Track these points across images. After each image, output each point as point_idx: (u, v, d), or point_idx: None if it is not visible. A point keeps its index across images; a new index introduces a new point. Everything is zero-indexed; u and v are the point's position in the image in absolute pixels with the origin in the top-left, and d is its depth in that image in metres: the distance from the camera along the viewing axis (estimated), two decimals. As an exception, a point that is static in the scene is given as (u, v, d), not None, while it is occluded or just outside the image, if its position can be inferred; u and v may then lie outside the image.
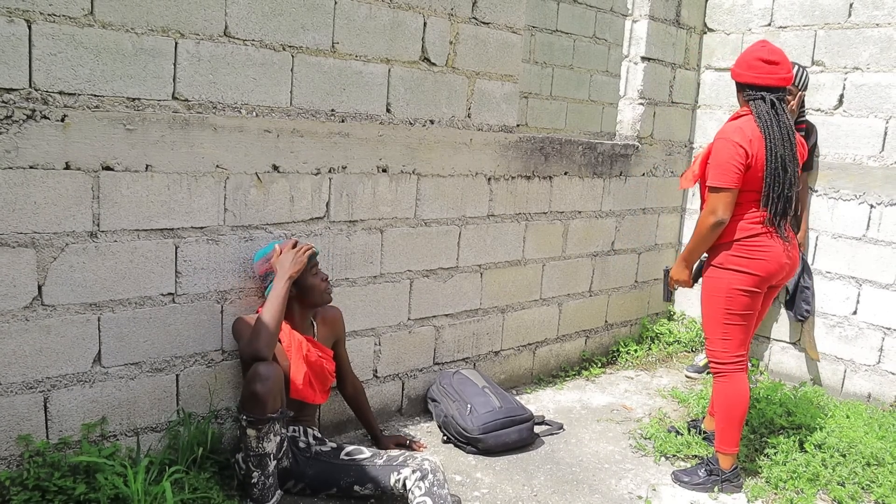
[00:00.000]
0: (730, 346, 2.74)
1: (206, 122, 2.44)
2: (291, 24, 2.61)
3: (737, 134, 2.61)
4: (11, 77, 2.06)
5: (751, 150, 2.59)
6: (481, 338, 3.56)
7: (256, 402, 2.24)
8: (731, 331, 2.73)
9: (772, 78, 2.64)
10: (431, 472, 2.38)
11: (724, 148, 2.61)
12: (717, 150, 2.64)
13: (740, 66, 2.71)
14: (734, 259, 2.68)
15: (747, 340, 2.78)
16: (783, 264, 2.69)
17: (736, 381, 2.75)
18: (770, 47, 2.68)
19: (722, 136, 2.65)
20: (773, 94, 2.65)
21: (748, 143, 2.59)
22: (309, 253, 2.53)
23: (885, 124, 3.79)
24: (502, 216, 3.52)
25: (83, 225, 2.24)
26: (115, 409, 2.39)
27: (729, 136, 2.62)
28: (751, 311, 2.72)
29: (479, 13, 3.20)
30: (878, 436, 3.21)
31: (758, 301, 2.73)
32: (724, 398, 2.78)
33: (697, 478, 2.83)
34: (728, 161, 2.59)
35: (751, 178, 2.62)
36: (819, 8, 4.02)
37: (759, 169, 2.61)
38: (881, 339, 3.80)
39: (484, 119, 3.33)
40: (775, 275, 2.69)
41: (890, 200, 3.75)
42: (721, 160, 2.61)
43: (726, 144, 2.61)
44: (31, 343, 2.19)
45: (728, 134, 2.63)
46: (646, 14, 4.20)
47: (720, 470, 2.81)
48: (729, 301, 2.70)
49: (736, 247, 2.68)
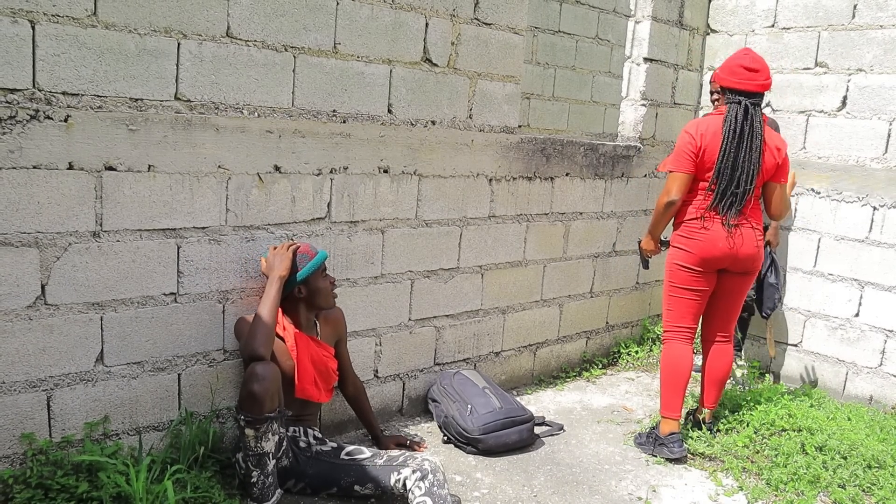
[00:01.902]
0: (671, 317, 3.11)
1: (208, 123, 2.45)
2: (293, 24, 2.62)
3: (692, 126, 2.98)
4: (15, 77, 2.07)
5: (701, 143, 2.92)
6: (482, 338, 3.57)
7: (254, 401, 2.25)
8: (674, 302, 3.09)
9: (751, 84, 2.92)
10: (431, 472, 2.38)
11: (680, 137, 3.00)
12: (677, 139, 3.04)
13: (724, 72, 2.99)
14: (677, 237, 3.06)
15: (692, 315, 3.08)
16: (722, 249, 2.95)
17: (675, 349, 3.09)
18: (752, 55, 2.96)
19: (684, 127, 3.03)
20: (750, 100, 2.92)
21: (699, 136, 2.93)
22: (293, 248, 2.54)
23: (889, 126, 3.79)
24: (503, 217, 3.52)
25: (86, 225, 2.25)
26: (117, 408, 2.40)
27: (686, 127, 3.00)
28: (691, 288, 3.04)
29: (481, 14, 3.21)
30: (879, 438, 3.20)
31: (701, 281, 3.02)
32: (664, 363, 3.12)
33: (645, 440, 3.15)
34: (680, 148, 2.97)
35: (700, 167, 2.95)
36: (823, 9, 4.01)
37: (708, 160, 2.93)
38: (883, 342, 3.80)
39: (485, 120, 3.33)
40: (715, 257, 2.97)
41: (893, 202, 3.74)
42: (676, 147, 3.01)
43: (682, 134, 3.00)
44: (35, 342, 2.21)
45: (687, 126, 3.01)
46: (648, 15, 4.20)
47: (657, 435, 3.08)
48: (671, 274, 3.09)
49: (682, 227, 3.04)
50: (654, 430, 3.14)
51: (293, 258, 2.52)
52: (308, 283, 2.55)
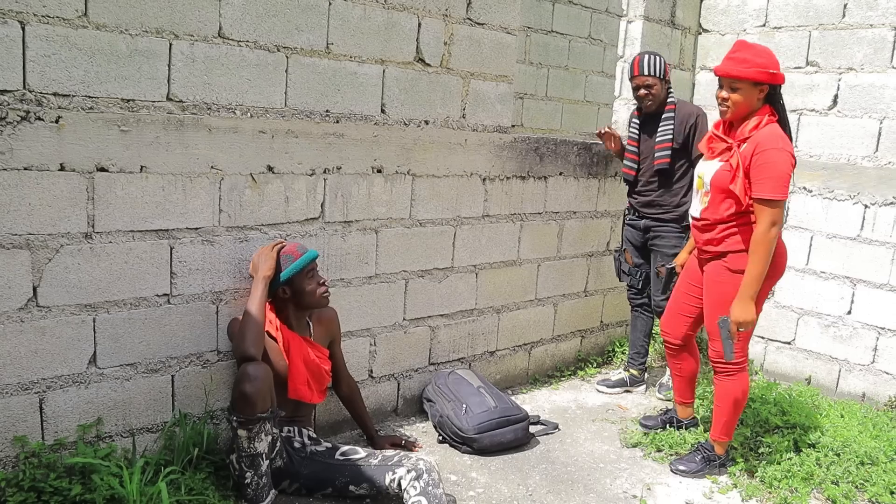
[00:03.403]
0: (745, 346, 2.85)
1: (200, 123, 2.44)
2: (286, 25, 2.61)
3: (787, 143, 2.56)
4: (5, 79, 2.06)
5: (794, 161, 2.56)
6: (477, 338, 3.57)
7: (246, 402, 2.25)
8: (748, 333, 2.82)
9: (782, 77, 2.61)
10: (426, 471, 2.38)
11: (784, 161, 2.51)
12: (773, 161, 2.51)
13: (776, 66, 2.57)
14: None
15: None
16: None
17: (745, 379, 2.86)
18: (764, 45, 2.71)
19: (776, 145, 2.52)
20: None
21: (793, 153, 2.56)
22: (277, 248, 2.53)
23: (879, 125, 3.81)
24: (497, 216, 3.52)
25: (78, 226, 2.24)
26: (110, 410, 2.39)
27: (783, 145, 2.53)
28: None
29: (474, 14, 3.21)
30: (872, 435, 3.22)
31: None
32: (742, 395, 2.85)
33: (695, 465, 2.94)
34: (787, 173, 2.51)
35: None
36: (813, 9, 4.04)
37: None
38: (875, 339, 3.82)
39: (479, 119, 3.33)
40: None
41: (884, 200, 3.77)
42: (782, 172, 2.50)
43: (786, 157, 2.51)
44: (27, 344, 2.19)
45: (783, 144, 2.54)
46: (641, 15, 4.21)
47: (717, 456, 2.94)
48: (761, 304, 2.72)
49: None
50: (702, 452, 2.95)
51: (277, 258, 2.51)
52: (292, 283, 2.54)
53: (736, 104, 2.62)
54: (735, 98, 2.61)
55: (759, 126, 2.59)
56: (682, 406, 3.24)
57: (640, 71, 3.44)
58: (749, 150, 2.57)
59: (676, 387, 3.23)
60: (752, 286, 2.57)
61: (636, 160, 3.58)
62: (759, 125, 2.59)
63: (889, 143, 3.78)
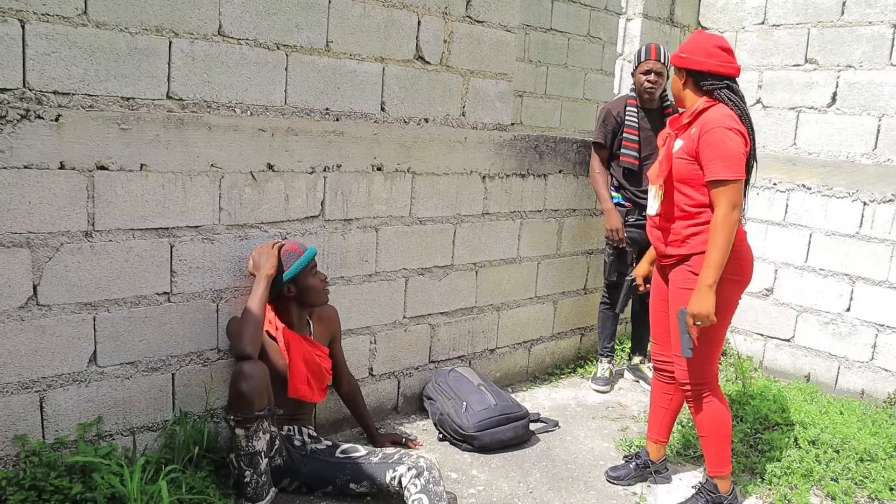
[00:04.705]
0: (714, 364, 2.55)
1: (200, 122, 2.44)
2: (285, 23, 2.61)
3: (735, 122, 2.41)
4: (5, 77, 2.05)
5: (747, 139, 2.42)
6: (477, 336, 3.57)
7: (243, 401, 2.25)
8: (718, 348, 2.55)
9: (732, 67, 2.47)
10: (427, 469, 2.38)
11: (730, 137, 2.36)
12: (720, 140, 2.36)
13: (698, 54, 2.46)
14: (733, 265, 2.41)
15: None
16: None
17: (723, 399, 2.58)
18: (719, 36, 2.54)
19: (720, 124, 2.38)
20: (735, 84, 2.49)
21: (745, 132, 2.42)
22: (278, 246, 2.54)
23: (878, 122, 3.81)
24: (497, 214, 3.53)
25: (78, 224, 2.24)
26: (111, 409, 2.39)
27: (728, 123, 2.38)
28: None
29: (473, 12, 3.21)
30: (871, 432, 3.23)
31: None
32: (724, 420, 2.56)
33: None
34: (738, 151, 2.36)
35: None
36: (812, 6, 4.04)
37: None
38: (874, 336, 3.83)
39: (478, 117, 3.33)
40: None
41: (883, 198, 3.77)
42: (731, 150, 2.35)
43: (730, 134, 2.37)
44: (27, 343, 2.19)
45: (726, 122, 2.39)
46: (640, 12, 4.21)
47: (721, 496, 2.59)
48: (725, 314, 2.46)
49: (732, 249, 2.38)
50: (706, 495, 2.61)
51: (278, 256, 2.51)
52: (297, 281, 2.54)
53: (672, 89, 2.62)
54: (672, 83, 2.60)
55: (696, 112, 2.47)
56: (656, 445, 2.84)
57: (657, 56, 3.50)
58: (696, 133, 2.44)
59: (656, 422, 2.82)
60: (712, 274, 2.34)
61: (636, 148, 3.58)
62: (696, 111, 2.47)
63: (888, 140, 3.78)
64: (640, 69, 3.53)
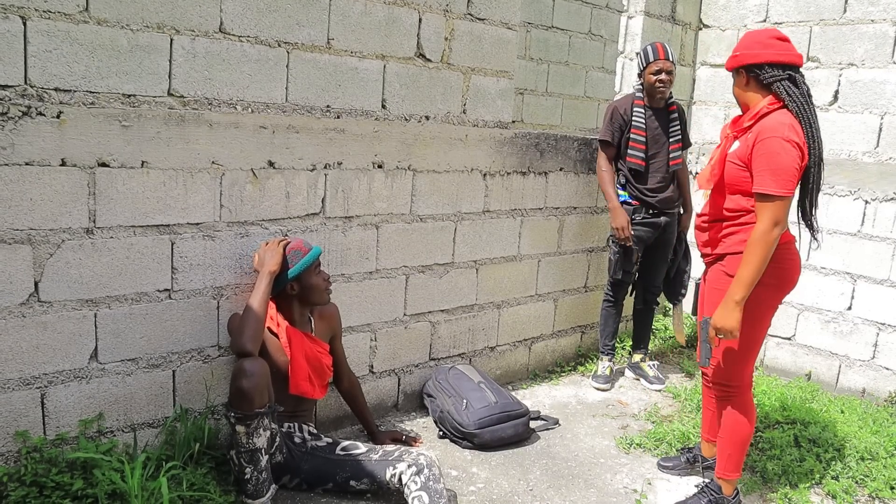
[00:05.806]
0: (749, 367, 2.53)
1: (201, 119, 2.44)
2: (287, 20, 2.61)
3: (794, 133, 2.27)
4: (7, 74, 2.06)
5: (805, 152, 2.30)
6: (477, 333, 3.58)
7: (243, 398, 2.25)
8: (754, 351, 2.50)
9: (792, 55, 2.34)
10: (427, 466, 2.39)
11: (785, 150, 2.24)
12: (774, 151, 2.25)
13: (753, 48, 2.37)
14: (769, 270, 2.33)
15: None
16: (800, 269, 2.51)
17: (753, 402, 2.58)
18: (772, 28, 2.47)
19: (775, 134, 2.26)
20: (798, 74, 2.36)
21: (803, 144, 2.29)
22: (284, 244, 2.54)
23: (880, 120, 3.81)
24: (498, 212, 3.53)
25: (79, 221, 2.24)
26: (111, 405, 2.40)
27: (786, 134, 2.25)
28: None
29: (475, 9, 3.21)
30: (872, 430, 3.23)
31: None
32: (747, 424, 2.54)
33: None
34: (791, 165, 2.25)
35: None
36: (814, 4, 4.03)
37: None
38: (876, 335, 3.82)
39: (479, 115, 3.33)
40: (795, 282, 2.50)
41: (885, 196, 3.77)
42: (783, 164, 2.24)
43: (786, 146, 2.24)
44: (28, 339, 2.20)
45: (784, 132, 2.26)
46: (641, 10, 4.21)
47: (724, 498, 2.59)
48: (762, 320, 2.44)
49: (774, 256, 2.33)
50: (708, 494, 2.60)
51: (283, 253, 2.52)
52: (301, 279, 2.55)
53: (735, 95, 2.52)
54: (734, 90, 2.52)
55: (758, 115, 2.36)
56: (709, 444, 2.82)
57: (666, 55, 3.53)
58: (752, 139, 2.34)
59: (706, 421, 2.81)
60: (741, 291, 2.28)
61: (643, 149, 3.59)
62: (759, 114, 2.36)
63: (890, 138, 3.77)
64: (649, 69, 3.54)
